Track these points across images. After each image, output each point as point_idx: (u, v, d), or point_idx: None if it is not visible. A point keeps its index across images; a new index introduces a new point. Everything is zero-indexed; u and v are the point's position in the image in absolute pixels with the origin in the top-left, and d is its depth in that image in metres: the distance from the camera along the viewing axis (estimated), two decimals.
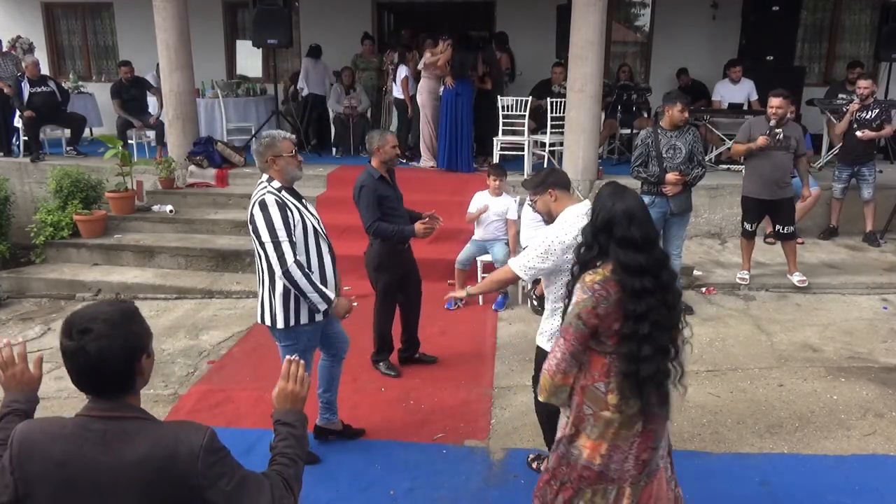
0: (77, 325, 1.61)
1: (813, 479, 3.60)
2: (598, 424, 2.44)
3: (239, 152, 8.60)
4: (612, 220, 2.37)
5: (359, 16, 10.93)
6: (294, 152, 3.42)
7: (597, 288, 2.35)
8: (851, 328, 5.46)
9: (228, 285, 6.52)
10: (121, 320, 1.64)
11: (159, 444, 1.60)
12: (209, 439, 1.64)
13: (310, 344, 3.60)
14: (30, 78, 8.66)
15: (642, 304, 2.31)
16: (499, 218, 5.91)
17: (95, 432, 1.61)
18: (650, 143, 5.50)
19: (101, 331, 1.60)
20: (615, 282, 2.34)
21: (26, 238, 7.33)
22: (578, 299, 2.38)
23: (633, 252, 2.34)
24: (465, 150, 8.14)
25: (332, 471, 3.71)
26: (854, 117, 7.05)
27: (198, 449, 1.61)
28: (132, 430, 1.62)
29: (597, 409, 2.43)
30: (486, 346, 5.23)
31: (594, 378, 2.43)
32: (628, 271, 2.32)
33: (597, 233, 2.41)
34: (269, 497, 1.68)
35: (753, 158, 5.92)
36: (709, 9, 10.32)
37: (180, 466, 1.59)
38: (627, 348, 2.34)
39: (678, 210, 5.51)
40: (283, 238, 3.28)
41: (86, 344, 1.58)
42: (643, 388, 2.36)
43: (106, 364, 1.60)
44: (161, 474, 1.59)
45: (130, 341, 1.64)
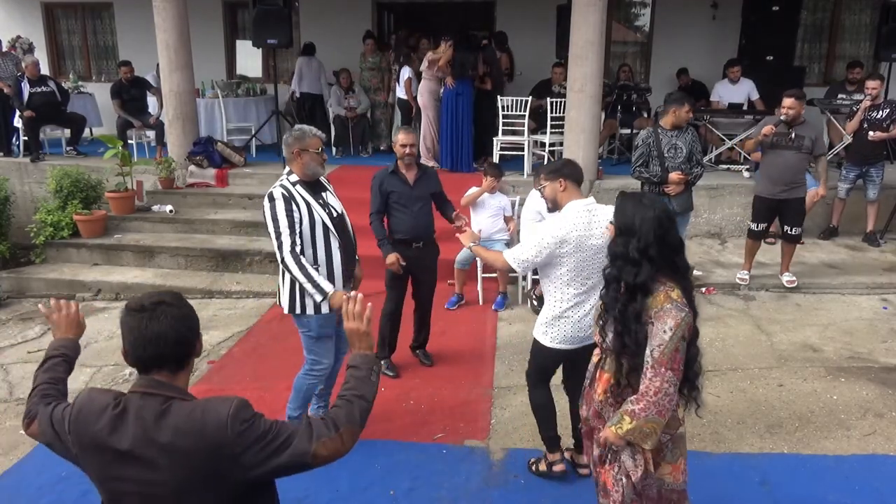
0: (148, 299, 1.74)
1: (813, 479, 3.60)
2: (677, 444, 2.38)
3: (239, 152, 8.60)
4: (661, 228, 2.29)
5: (359, 16, 10.92)
6: (320, 150, 3.54)
7: (685, 302, 2.29)
8: (851, 328, 5.46)
9: (228, 285, 6.52)
10: (182, 297, 1.80)
11: (190, 418, 1.67)
12: (236, 408, 1.69)
13: (323, 332, 3.65)
14: (30, 78, 8.65)
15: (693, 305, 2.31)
16: (496, 213, 5.91)
17: (140, 409, 1.68)
18: (651, 144, 5.50)
19: (174, 301, 1.75)
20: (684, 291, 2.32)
21: (26, 238, 7.34)
22: (677, 320, 2.22)
23: (682, 254, 2.34)
24: (466, 150, 8.15)
25: (332, 471, 3.66)
26: (865, 116, 7.05)
27: (225, 418, 1.66)
28: (170, 408, 1.68)
29: (674, 431, 2.35)
30: (486, 346, 5.23)
31: None
32: (686, 275, 2.31)
33: (646, 247, 2.28)
34: (307, 440, 1.72)
35: (765, 157, 5.94)
36: (709, 9, 10.32)
37: (211, 437, 1.65)
38: (692, 351, 2.33)
39: (680, 209, 5.51)
40: (283, 229, 3.43)
41: (161, 313, 1.70)
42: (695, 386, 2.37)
43: (178, 331, 1.72)
44: (195, 446, 1.65)
45: (195, 317, 1.79)
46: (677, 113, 5.43)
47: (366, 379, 1.93)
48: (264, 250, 6.80)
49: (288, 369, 4.72)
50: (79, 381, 4.76)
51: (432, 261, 4.81)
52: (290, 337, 5.26)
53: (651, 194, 2.51)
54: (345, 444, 1.80)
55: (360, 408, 1.87)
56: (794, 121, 5.71)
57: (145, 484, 1.69)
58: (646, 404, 2.18)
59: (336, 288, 3.55)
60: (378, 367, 2.00)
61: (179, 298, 1.78)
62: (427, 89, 8.26)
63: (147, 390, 1.71)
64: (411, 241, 4.62)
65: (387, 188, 4.58)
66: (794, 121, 5.71)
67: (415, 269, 4.74)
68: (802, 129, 5.76)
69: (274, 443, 1.71)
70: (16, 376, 4.91)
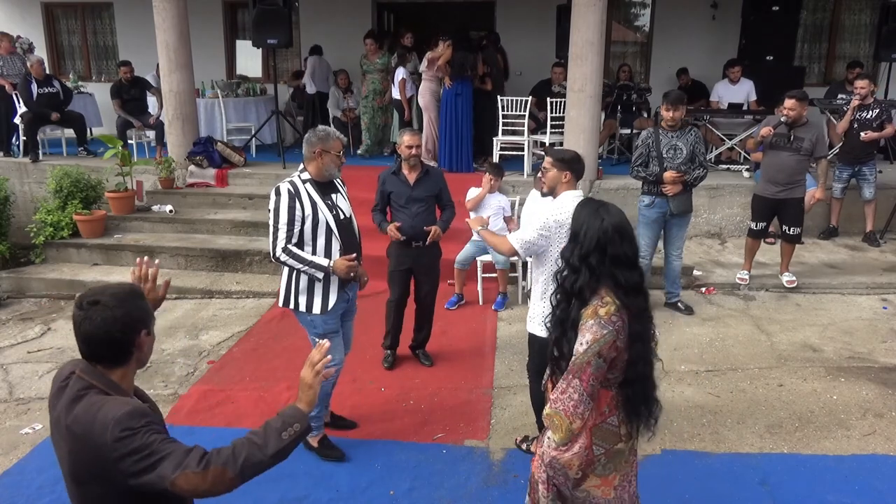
0: (88, 297, 1.82)
1: (813, 479, 3.60)
2: (613, 459, 2.32)
3: (239, 152, 8.60)
4: (605, 238, 2.23)
5: (359, 16, 10.92)
6: (341, 153, 3.60)
7: (615, 320, 2.20)
8: (851, 328, 5.46)
9: (228, 285, 6.52)
10: (126, 297, 1.84)
11: (88, 412, 1.74)
12: (125, 415, 1.72)
13: (328, 327, 3.65)
14: (36, 78, 8.65)
15: (643, 322, 2.24)
16: (496, 213, 5.91)
17: (71, 390, 1.80)
18: (650, 144, 5.50)
19: (108, 303, 1.79)
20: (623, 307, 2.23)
21: (26, 238, 7.33)
22: (596, 336, 2.18)
23: (629, 270, 2.24)
24: (465, 151, 8.14)
25: (332, 471, 3.71)
26: (854, 117, 7.05)
27: (110, 422, 1.70)
28: (85, 397, 1.77)
29: (610, 446, 2.30)
30: (486, 347, 5.23)
31: (605, 415, 2.30)
32: (629, 292, 2.22)
33: (586, 255, 2.25)
34: (172, 466, 1.69)
35: (765, 157, 5.97)
36: (709, 9, 10.32)
37: (95, 437, 1.71)
38: (636, 371, 2.25)
39: (678, 211, 5.50)
40: (281, 224, 3.48)
41: (93, 314, 1.78)
42: (650, 409, 2.31)
43: (108, 334, 1.78)
44: (83, 439, 1.73)
45: (133, 315, 1.82)
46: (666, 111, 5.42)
47: (276, 432, 1.81)
48: (264, 250, 6.79)
49: (288, 369, 4.73)
50: None
51: (433, 261, 4.83)
52: (290, 336, 5.27)
53: (614, 206, 2.43)
54: (208, 484, 1.71)
55: (248, 455, 1.76)
56: (794, 122, 5.71)
57: (59, 458, 1.83)
58: (555, 398, 2.25)
59: (331, 299, 3.58)
60: (300, 430, 1.85)
61: (118, 297, 1.81)
62: (428, 90, 8.25)
63: (80, 374, 1.82)
64: (410, 240, 4.64)
65: (388, 188, 4.70)
66: (794, 122, 5.71)
67: (415, 269, 4.77)
68: (803, 130, 5.75)
69: (145, 461, 1.70)
70: (16, 376, 4.91)
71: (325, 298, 3.60)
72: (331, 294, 3.59)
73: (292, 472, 3.70)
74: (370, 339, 4.90)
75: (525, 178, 7.72)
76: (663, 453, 3.82)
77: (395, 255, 4.76)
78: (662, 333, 5.36)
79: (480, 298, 6.07)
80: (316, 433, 3.84)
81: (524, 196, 6.17)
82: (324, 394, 3.77)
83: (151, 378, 4.78)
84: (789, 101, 5.69)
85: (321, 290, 3.59)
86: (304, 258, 3.51)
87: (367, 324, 4.78)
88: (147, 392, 1.96)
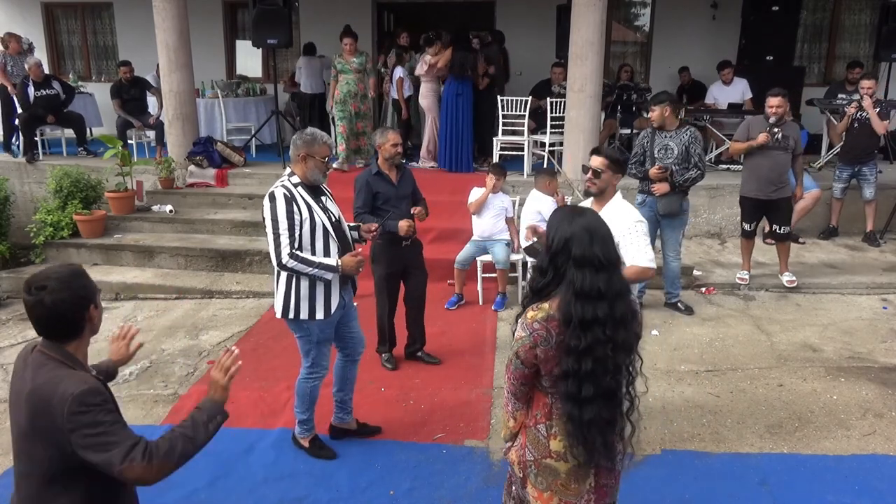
0: (34, 282, 1.96)
1: (812, 479, 3.60)
2: (543, 473, 2.20)
3: (239, 152, 8.60)
4: (571, 237, 2.11)
5: (359, 16, 10.91)
6: (326, 159, 3.50)
7: (536, 327, 2.11)
8: (851, 328, 5.46)
9: (228, 285, 6.52)
10: (70, 278, 1.99)
11: (48, 384, 1.91)
12: (83, 392, 1.88)
13: (323, 336, 3.63)
14: (34, 80, 8.65)
15: (589, 336, 2.04)
16: (498, 213, 5.91)
17: (31, 363, 1.99)
18: (645, 144, 5.54)
19: (54, 286, 1.95)
20: (558, 321, 2.08)
21: (26, 238, 7.33)
22: (518, 336, 2.16)
23: (592, 273, 2.07)
24: (466, 151, 8.14)
25: (331, 471, 3.71)
26: (856, 116, 7.05)
27: (68, 397, 1.87)
28: (46, 367, 1.96)
29: (538, 456, 2.19)
30: (486, 347, 5.23)
31: (535, 419, 2.21)
32: (582, 296, 2.05)
33: (553, 256, 2.15)
34: (121, 456, 1.87)
35: (752, 158, 5.91)
36: (709, 9, 10.33)
37: (53, 408, 1.88)
38: (567, 387, 2.08)
39: (664, 211, 5.47)
40: (282, 231, 3.37)
41: (43, 297, 1.94)
42: (587, 435, 2.09)
43: (58, 314, 1.95)
44: (41, 408, 1.90)
45: (80, 294, 1.99)
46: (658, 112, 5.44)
47: (203, 424, 2.04)
48: (264, 250, 6.79)
49: (288, 369, 4.72)
50: None
51: (419, 255, 4.87)
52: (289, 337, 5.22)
53: (592, 211, 2.35)
54: (153, 474, 1.91)
55: (183, 447, 1.98)
56: (780, 120, 5.73)
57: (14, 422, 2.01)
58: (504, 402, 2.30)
59: (334, 302, 3.55)
60: (221, 420, 2.09)
61: (62, 280, 1.97)
62: (431, 91, 8.24)
63: (40, 349, 2.02)
64: (401, 238, 4.63)
65: (374, 189, 4.59)
66: (780, 120, 5.73)
67: (407, 266, 4.79)
68: (787, 128, 5.79)
69: (96, 439, 1.87)
70: None
71: (328, 302, 3.54)
72: (333, 298, 3.55)
73: (292, 472, 3.70)
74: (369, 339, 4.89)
75: (525, 178, 7.72)
76: (663, 453, 3.82)
77: (387, 258, 4.69)
78: (662, 333, 5.36)
79: (480, 298, 6.07)
80: (307, 434, 3.84)
81: (524, 196, 6.17)
82: (310, 399, 3.76)
83: (151, 378, 4.78)
84: (775, 99, 5.70)
85: (323, 294, 3.52)
86: (311, 261, 3.42)
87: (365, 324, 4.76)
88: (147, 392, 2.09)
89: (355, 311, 3.89)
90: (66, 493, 1.96)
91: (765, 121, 5.81)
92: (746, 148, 5.89)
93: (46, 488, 1.96)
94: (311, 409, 3.80)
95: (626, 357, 2.15)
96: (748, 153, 5.92)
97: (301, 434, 3.86)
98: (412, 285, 4.86)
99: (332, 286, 3.54)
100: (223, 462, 3.72)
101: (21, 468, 2.02)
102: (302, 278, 3.49)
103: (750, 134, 5.87)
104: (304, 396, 3.75)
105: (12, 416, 2.03)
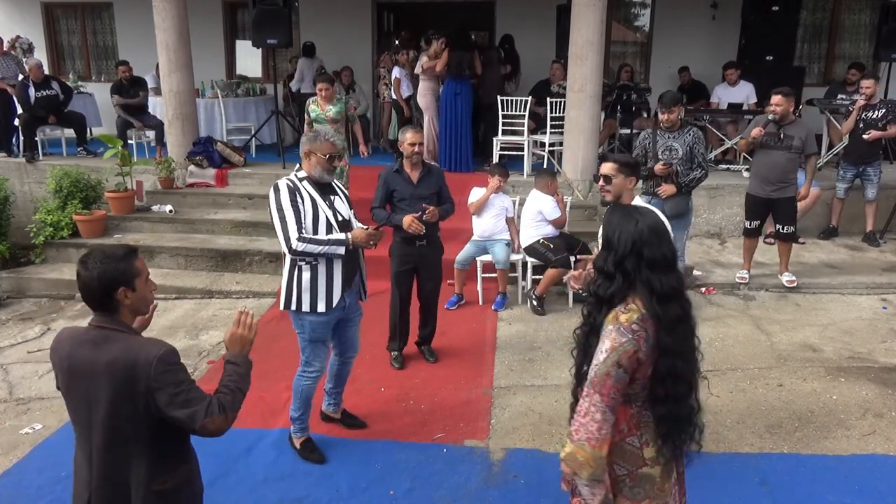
0: (84, 256, 2.15)
1: (812, 479, 3.60)
2: (640, 484, 2.15)
3: (239, 152, 8.60)
4: (641, 240, 2.06)
5: (358, 16, 10.93)
6: (328, 157, 3.54)
7: (635, 329, 2.03)
8: (851, 328, 5.46)
9: (228, 285, 6.52)
10: (106, 259, 2.13)
11: (128, 351, 2.07)
12: (165, 352, 2.07)
13: (316, 335, 3.65)
14: (34, 81, 8.65)
15: (678, 334, 2.05)
16: (499, 213, 5.91)
17: (89, 336, 2.13)
18: (647, 145, 5.52)
19: (90, 263, 2.12)
20: (651, 317, 2.05)
21: (26, 238, 7.33)
22: (615, 344, 2.02)
23: (666, 273, 2.06)
24: (465, 150, 8.14)
25: (332, 471, 3.71)
26: (861, 116, 7.05)
27: (152, 358, 2.04)
28: (112, 338, 2.11)
29: (633, 468, 2.14)
30: (486, 347, 5.23)
31: (623, 433, 2.14)
32: (664, 298, 2.04)
33: (621, 260, 2.09)
34: (203, 411, 2.07)
35: (756, 156, 5.95)
36: (709, 9, 10.32)
37: (138, 371, 2.03)
38: (664, 389, 2.06)
39: (671, 213, 5.43)
40: (288, 217, 3.43)
41: (79, 272, 2.14)
42: (683, 432, 2.14)
43: (91, 290, 2.12)
44: (124, 374, 2.04)
45: (109, 276, 2.12)
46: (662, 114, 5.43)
47: (245, 375, 2.28)
48: (264, 250, 6.80)
49: (288, 369, 4.71)
50: None
51: (436, 258, 4.86)
52: (289, 337, 5.24)
53: (647, 208, 2.33)
54: (227, 425, 2.13)
55: (240, 399, 2.21)
56: (782, 119, 5.72)
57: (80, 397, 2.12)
58: (577, 425, 2.05)
59: (335, 295, 3.56)
60: (250, 366, 2.32)
61: (100, 259, 2.12)
62: (429, 90, 8.24)
63: (94, 323, 2.17)
64: (414, 238, 4.64)
65: (391, 186, 4.68)
66: (782, 119, 5.72)
67: (419, 267, 4.79)
68: (792, 128, 5.76)
69: (180, 396, 2.05)
70: (16, 376, 4.91)
71: (330, 296, 3.55)
72: (334, 292, 3.56)
73: (292, 472, 3.70)
74: (370, 339, 4.90)
75: (525, 178, 7.72)
76: None
77: (399, 255, 4.76)
78: None
79: (480, 298, 6.07)
80: (300, 435, 3.85)
81: (524, 196, 6.17)
82: (304, 398, 3.77)
83: None
84: (776, 97, 5.70)
85: (325, 287, 3.54)
86: (321, 240, 3.45)
87: (366, 324, 4.76)
88: None
89: (358, 317, 3.90)
90: (147, 453, 2.13)
91: (767, 120, 5.81)
92: (746, 144, 6.01)
93: (130, 449, 2.12)
94: (304, 408, 3.81)
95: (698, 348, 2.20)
96: (754, 152, 5.96)
97: (295, 433, 3.87)
98: (422, 287, 4.88)
99: (333, 280, 3.55)
100: (223, 462, 3.72)
101: (101, 436, 2.11)
102: (304, 270, 3.52)
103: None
104: (297, 393, 3.77)
105: (78, 391, 2.12)
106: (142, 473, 2.13)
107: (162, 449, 2.17)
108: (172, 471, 2.21)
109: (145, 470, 2.14)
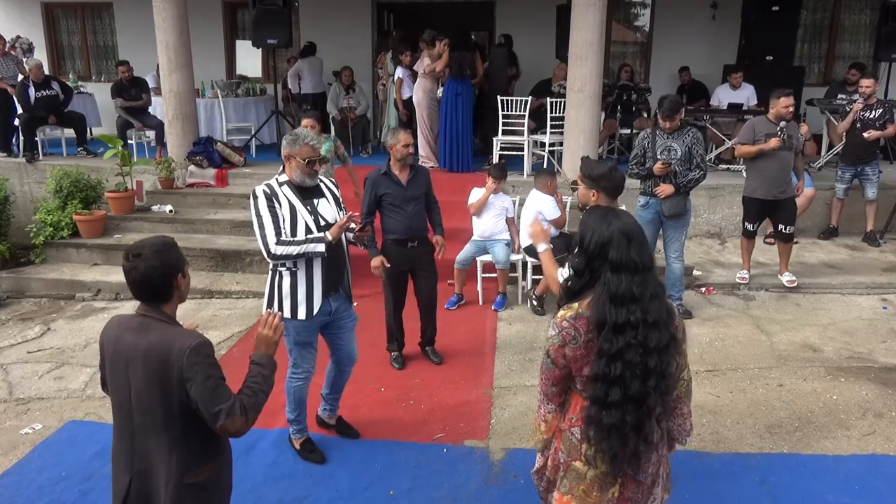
0: (132, 251, 2.21)
1: (812, 479, 3.60)
2: (569, 476, 2.20)
3: (239, 152, 8.60)
4: (609, 241, 2.10)
5: (358, 15, 10.93)
6: (307, 161, 3.42)
7: (565, 325, 2.11)
8: (851, 328, 5.46)
9: (228, 285, 6.52)
10: (162, 248, 2.24)
11: (164, 340, 2.15)
12: (198, 344, 2.15)
13: (300, 338, 3.61)
14: (34, 81, 8.65)
15: (621, 340, 2.03)
16: (499, 214, 5.91)
17: (134, 323, 2.23)
18: (646, 145, 5.51)
19: (148, 254, 2.19)
20: (588, 319, 2.08)
21: (26, 238, 7.33)
22: (547, 336, 2.17)
23: (628, 277, 2.06)
24: (465, 151, 8.14)
25: (332, 471, 3.71)
26: (858, 117, 7.06)
27: (185, 349, 2.11)
28: (153, 327, 2.19)
29: (569, 458, 2.20)
30: (486, 346, 5.23)
31: (571, 422, 2.21)
32: (616, 300, 2.05)
33: (590, 259, 2.14)
34: (227, 409, 2.12)
35: (760, 159, 5.83)
36: (709, 9, 10.33)
37: (171, 360, 2.11)
38: (594, 391, 2.07)
39: (669, 213, 5.46)
40: (266, 223, 3.37)
41: (137, 264, 2.18)
42: (609, 440, 2.08)
43: (150, 279, 2.19)
44: (159, 362, 2.12)
45: (170, 263, 2.23)
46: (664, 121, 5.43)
47: (269, 377, 2.35)
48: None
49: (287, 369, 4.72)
50: (78, 381, 4.76)
51: (429, 257, 4.84)
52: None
53: (627, 213, 2.34)
54: (248, 427, 2.19)
55: (262, 401, 2.27)
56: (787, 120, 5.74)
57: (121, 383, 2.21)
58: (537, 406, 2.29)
59: (316, 302, 3.50)
60: (275, 367, 2.38)
61: (155, 249, 2.21)
62: (421, 87, 8.22)
63: (140, 312, 2.25)
64: (406, 240, 4.64)
65: (380, 190, 4.60)
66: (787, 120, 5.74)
67: (413, 268, 4.78)
68: (790, 128, 5.80)
69: (206, 393, 2.10)
70: (15, 376, 4.91)
71: (310, 303, 3.49)
72: (315, 299, 3.50)
73: (292, 472, 3.70)
74: (370, 339, 4.90)
75: (525, 178, 7.72)
76: None
77: (393, 258, 4.69)
78: None
79: (480, 298, 6.07)
80: (299, 436, 3.85)
81: (524, 196, 6.17)
82: (296, 399, 3.76)
83: None
84: (787, 100, 5.69)
85: (304, 294, 3.48)
86: (298, 241, 3.37)
87: (366, 324, 4.77)
88: None
89: (351, 323, 3.80)
90: (182, 444, 2.19)
91: (768, 121, 5.80)
92: (757, 151, 5.77)
93: (166, 438, 2.18)
94: (299, 409, 3.80)
95: (659, 360, 2.08)
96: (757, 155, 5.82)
97: (294, 434, 3.87)
98: (419, 287, 4.86)
99: (313, 287, 3.49)
100: None
101: (138, 420, 2.20)
102: (284, 276, 3.46)
103: (756, 135, 5.82)
104: (290, 395, 3.76)
105: (119, 376, 2.21)
106: (175, 464, 2.18)
107: (197, 441, 2.22)
108: (206, 465, 2.26)
109: (179, 460, 2.18)
